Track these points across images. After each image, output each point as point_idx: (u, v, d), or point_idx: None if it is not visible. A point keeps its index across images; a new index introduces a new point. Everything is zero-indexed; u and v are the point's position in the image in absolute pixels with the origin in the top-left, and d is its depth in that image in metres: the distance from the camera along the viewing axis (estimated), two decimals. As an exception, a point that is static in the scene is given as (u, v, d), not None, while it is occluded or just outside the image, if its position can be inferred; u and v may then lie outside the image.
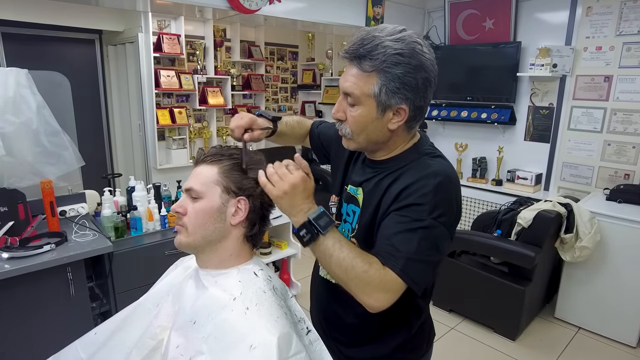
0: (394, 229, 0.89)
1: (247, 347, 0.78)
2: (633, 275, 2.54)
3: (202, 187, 0.90)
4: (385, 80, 0.88)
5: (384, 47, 0.87)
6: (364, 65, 0.89)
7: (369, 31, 0.90)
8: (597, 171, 3.11)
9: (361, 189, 1.04)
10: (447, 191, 0.91)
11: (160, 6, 3.03)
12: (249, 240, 0.96)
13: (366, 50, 0.88)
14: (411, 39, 0.89)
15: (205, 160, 0.93)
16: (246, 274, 0.92)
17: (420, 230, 0.87)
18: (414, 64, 0.88)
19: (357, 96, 0.91)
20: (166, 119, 3.79)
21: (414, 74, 0.88)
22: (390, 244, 0.88)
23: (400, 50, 0.87)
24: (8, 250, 1.77)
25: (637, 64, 2.84)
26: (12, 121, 1.95)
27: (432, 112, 3.93)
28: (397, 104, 0.90)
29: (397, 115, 0.92)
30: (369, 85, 0.89)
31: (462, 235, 2.92)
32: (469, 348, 2.62)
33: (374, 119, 0.92)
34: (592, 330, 2.76)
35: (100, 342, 1.04)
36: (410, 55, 0.87)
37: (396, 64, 0.87)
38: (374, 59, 0.87)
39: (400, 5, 3.80)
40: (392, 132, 0.95)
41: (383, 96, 0.89)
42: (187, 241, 0.92)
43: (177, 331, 0.91)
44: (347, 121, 0.96)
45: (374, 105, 0.91)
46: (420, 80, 0.89)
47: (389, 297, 0.86)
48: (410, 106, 0.91)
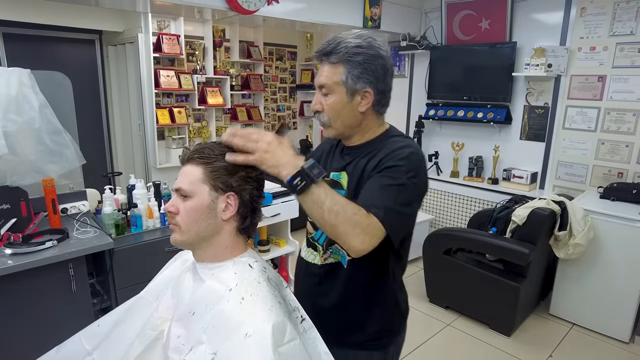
0: (375, 185, 1.03)
1: (242, 335, 0.81)
2: (625, 272, 2.58)
3: (191, 186, 0.92)
4: (349, 67, 1.06)
5: (345, 42, 1.07)
6: (331, 59, 1.08)
7: (335, 35, 1.10)
8: (591, 170, 3.15)
9: (344, 172, 1.16)
10: (419, 160, 1.07)
11: (159, 7, 3.06)
12: (242, 232, 0.99)
13: (332, 48, 1.08)
14: (368, 36, 1.09)
15: (191, 159, 0.94)
16: (241, 266, 0.95)
17: (397, 186, 1.01)
18: (371, 53, 1.07)
19: (329, 85, 1.09)
20: (166, 118, 3.83)
21: (372, 61, 1.07)
22: (372, 197, 1.00)
23: (359, 43, 1.07)
24: (11, 246, 1.81)
25: (630, 64, 2.88)
26: (15, 120, 1.98)
27: (429, 112, 3.97)
28: (363, 88, 1.08)
29: (365, 98, 1.09)
30: (337, 75, 1.07)
31: (458, 233, 2.96)
32: (465, 344, 2.65)
33: (346, 104, 1.09)
34: (586, 326, 2.80)
35: (104, 334, 1.07)
36: (368, 46, 1.07)
37: (357, 53, 1.06)
38: (338, 53, 1.07)
39: (397, 6, 3.83)
40: (363, 115, 1.12)
41: (350, 82, 1.07)
42: (181, 239, 0.95)
43: (177, 322, 0.94)
44: (324, 111, 1.11)
45: (343, 91, 1.08)
46: (378, 66, 1.08)
47: (372, 241, 0.96)
48: (374, 90, 1.09)
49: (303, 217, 1.20)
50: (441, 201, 3.94)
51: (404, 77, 4.36)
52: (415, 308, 3.06)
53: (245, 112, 4.65)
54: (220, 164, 0.92)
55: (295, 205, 2.90)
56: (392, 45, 4.42)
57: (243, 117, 4.60)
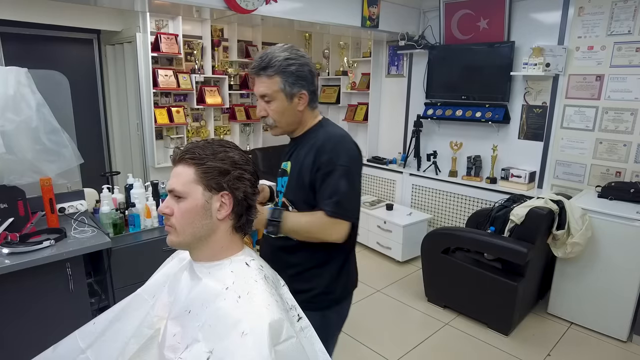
0: (325, 184, 1.27)
1: (239, 333, 0.81)
2: (624, 270, 2.59)
3: (184, 187, 0.92)
4: (285, 77, 1.27)
5: (277, 57, 1.26)
6: (268, 72, 1.27)
7: (264, 51, 1.29)
8: (589, 169, 3.15)
9: (289, 161, 1.39)
10: (346, 143, 1.32)
11: (158, 6, 3.06)
12: (238, 230, 0.99)
13: (266, 63, 1.27)
14: (293, 47, 1.30)
15: (182, 159, 0.93)
16: (238, 265, 0.95)
17: (335, 174, 1.26)
18: (300, 62, 1.28)
19: (270, 94, 1.29)
20: (164, 118, 3.82)
21: (302, 68, 1.29)
22: (325, 195, 1.26)
23: (288, 56, 1.27)
24: (8, 245, 1.80)
25: (627, 63, 2.88)
26: (12, 119, 1.98)
27: (428, 111, 3.97)
28: (299, 91, 1.30)
29: (301, 99, 1.31)
30: (275, 85, 1.28)
31: (456, 232, 2.96)
32: (463, 343, 2.66)
33: (287, 106, 1.31)
34: (584, 325, 2.81)
35: (99, 332, 1.07)
36: (296, 57, 1.28)
37: (289, 65, 1.27)
38: (273, 66, 1.26)
39: (396, 5, 3.84)
40: (302, 113, 1.34)
41: (287, 88, 1.28)
42: (177, 240, 0.94)
43: (173, 320, 0.94)
44: (269, 115, 1.33)
45: (283, 97, 1.29)
46: (307, 72, 1.30)
47: (342, 230, 1.28)
48: (308, 91, 1.32)
49: None
50: (439, 200, 3.94)
51: (403, 76, 4.36)
52: (413, 307, 3.06)
53: (244, 112, 4.64)
54: (212, 164, 0.92)
55: (293, 205, 2.90)
56: (390, 45, 4.42)
57: (241, 117, 4.60)
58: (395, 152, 4.52)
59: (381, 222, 3.85)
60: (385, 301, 3.14)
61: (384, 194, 4.46)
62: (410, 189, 4.17)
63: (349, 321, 1.58)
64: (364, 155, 4.67)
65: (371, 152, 4.68)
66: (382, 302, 3.13)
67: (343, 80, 4.82)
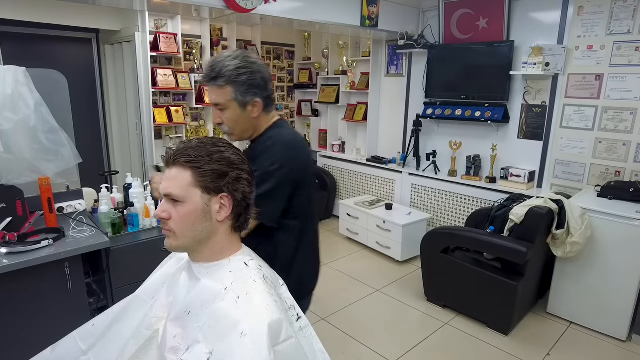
0: None
1: (238, 334, 0.81)
2: (623, 270, 2.58)
3: (182, 191, 0.89)
4: (236, 87, 1.26)
5: (227, 65, 1.24)
6: (218, 82, 1.26)
7: (214, 59, 1.28)
8: (588, 168, 3.15)
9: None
10: (284, 150, 1.31)
11: (157, 5, 3.05)
12: (236, 230, 0.98)
13: (216, 73, 1.25)
14: (243, 54, 1.28)
15: (177, 162, 0.90)
16: (237, 265, 0.95)
17: (261, 176, 1.24)
18: (251, 71, 1.27)
19: (223, 103, 1.29)
20: (163, 117, 3.82)
21: (253, 77, 1.27)
22: None
23: (238, 65, 1.25)
24: (6, 245, 1.80)
25: (627, 62, 2.88)
26: (10, 118, 1.97)
27: (427, 111, 3.97)
28: (252, 100, 1.29)
29: (255, 106, 1.31)
30: (227, 94, 1.27)
31: (456, 232, 2.96)
32: (463, 343, 2.65)
33: (240, 115, 1.31)
34: (584, 325, 2.80)
35: (99, 334, 1.06)
36: (247, 66, 1.26)
37: (240, 74, 1.25)
38: (223, 76, 1.25)
39: (395, 5, 3.83)
40: (257, 119, 1.34)
41: (240, 97, 1.28)
42: (177, 244, 0.93)
43: (173, 322, 0.94)
44: (224, 123, 1.33)
45: (236, 106, 1.29)
46: (259, 79, 1.29)
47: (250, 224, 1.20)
48: (261, 98, 1.31)
49: None
50: (439, 200, 3.94)
51: (402, 76, 4.36)
52: (413, 307, 3.06)
53: (243, 111, 4.64)
54: (209, 167, 0.89)
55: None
56: (389, 44, 4.41)
57: (241, 116, 4.59)
58: (394, 151, 4.52)
59: (380, 221, 3.85)
60: (384, 301, 3.14)
61: (383, 194, 4.46)
62: (410, 189, 4.17)
63: (349, 321, 1.58)
64: (363, 155, 4.71)
65: (370, 151, 4.68)
66: (381, 301, 3.13)
67: (342, 80, 4.81)
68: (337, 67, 4.94)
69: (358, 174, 4.69)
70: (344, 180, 4.88)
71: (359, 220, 4.10)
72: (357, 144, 4.95)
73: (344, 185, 4.90)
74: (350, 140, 4.96)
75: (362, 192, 4.68)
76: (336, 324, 2.78)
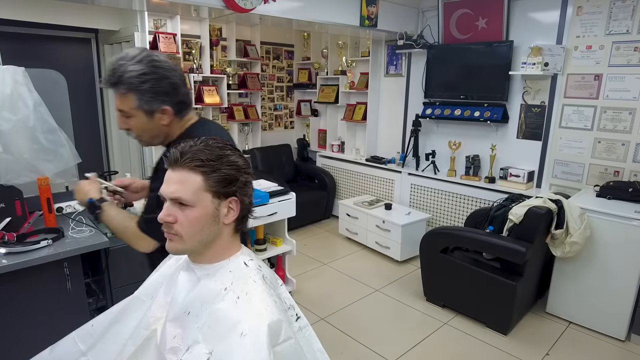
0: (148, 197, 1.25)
1: (238, 334, 0.81)
2: (622, 270, 2.59)
3: (193, 196, 0.87)
4: (140, 95, 1.16)
5: (128, 72, 1.13)
6: (120, 89, 1.16)
7: (116, 61, 1.17)
8: (587, 168, 3.16)
9: None
10: None
11: (156, 5, 3.05)
12: (238, 230, 0.98)
13: (116, 79, 1.15)
14: (149, 57, 1.16)
15: (186, 166, 0.88)
16: (236, 265, 0.95)
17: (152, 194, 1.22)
18: (157, 77, 1.16)
19: (127, 111, 1.20)
20: (162, 117, 3.81)
21: (160, 83, 1.17)
22: (144, 207, 1.28)
23: (142, 70, 1.14)
24: (5, 245, 1.79)
25: (626, 62, 2.89)
26: (9, 118, 1.97)
27: (426, 111, 3.97)
28: (159, 107, 1.19)
29: (164, 114, 1.22)
30: (130, 102, 1.17)
31: (455, 232, 2.96)
32: (462, 343, 2.66)
33: (148, 122, 1.22)
34: (583, 325, 2.81)
35: (98, 334, 1.06)
36: (152, 71, 1.15)
37: (143, 82, 1.14)
38: (124, 83, 1.14)
39: (394, 5, 3.83)
40: (168, 125, 1.25)
41: (145, 106, 1.18)
42: (183, 248, 0.92)
43: (172, 322, 0.93)
44: (131, 129, 1.24)
45: (142, 114, 1.20)
46: (167, 85, 1.18)
47: (149, 245, 1.27)
48: (171, 105, 1.21)
49: (300, 217, 1.25)
50: (438, 200, 3.94)
51: (401, 76, 4.36)
52: (412, 307, 3.06)
53: (242, 111, 4.64)
54: (222, 173, 0.88)
55: (292, 205, 2.90)
56: (389, 44, 4.42)
57: (240, 116, 4.59)
58: (393, 151, 4.52)
59: (380, 221, 3.85)
60: (384, 300, 3.14)
61: (382, 194, 4.46)
62: (409, 189, 4.17)
63: (348, 321, 1.58)
64: (362, 155, 4.71)
65: (370, 151, 4.68)
66: (380, 301, 3.13)
67: (342, 80, 4.81)
68: (337, 67, 4.94)
69: (357, 174, 4.69)
70: (343, 180, 4.88)
71: (358, 220, 4.10)
72: (356, 143, 4.95)
73: (343, 185, 4.90)
74: (350, 140, 4.96)
75: (361, 192, 4.68)
76: (335, 324, 2.78)
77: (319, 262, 3.77)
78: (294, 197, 2.90)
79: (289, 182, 4.71)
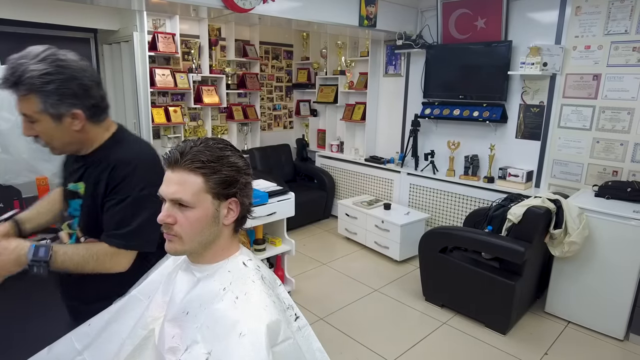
0: (115, 212, 1.13)
1: (237, 334, 0.81)
2: (620, 269, 2.59)
3: (193, 197, 0.87)
4: (43, 97, 1.03)
5: (29, 71, 1.00)
6: (20, 90, 1.03)
7: (16, 59, 1.03)
8: (586, 168, 3.16)
9: (82, 182, 1.21)
10: (145, 168, 1.15)
11: (155, 5, 3.05)
12: (236, 231, 0.98)
13: (15, 78, 1.01)
14: (54, 56, 1.04)
15: (185, 166, 0.87)
16: (235, 265, 0.94)
17: (130, 205, 1.12)
18: (63, 78, 1.04)
19: (31, 115, 1.06)
20: (161, 117, 3.82)
21: (67, 84, 1.04)
22: (113, 224, 1.13)
23: (45, 70, 1.02)
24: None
25: (624, 62, 2.89)
26: (7, 118, 1.97)
27: (425, 111, 3.97)
28: (68, 111, 1.07)
29: (75, 118, 1.09)
30: (33, 105, 1.04)
31: (454, 232, 2.96)
32: (461, 342, 2.66)
33: (56, 128, 1.08)
34: (581, 324, 2.81)
35: (95, 334, 1.06)
36: (57, 71, 1.03)
37: (47, 82, 1.02)
38: (25, 83, 1.01)
39: (393, 5, 3.84)
40: (81, 132, 1.13)
41: (51, 109, 1.05)
42: (183, 249, 0.91)
43: (171, 322, 0.93)
44: (38, 136, 1.11)
45: (48, 119, 1.06)
46: (76, 87, 1.06)
47: (127, 262, 1.15)
48: (82, 108, 1.09)
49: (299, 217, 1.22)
50: (437, 200, 3.95)
51: (400, 76, 4.36)
52: (411, 306, 3.06)
53: (242, 111, 4.64)
54: (222, 175, 0.88)
55: (291, 205, 2.90)
56: (388, 44, 4.42)
57: (239, 116, 4.59)
58: (392, 151, 4.53)
59: (379, 221, 3.85)
60: (383, 300, 3.14)
61: (381, 194, 4.46)
62: (408, 189, 4.17)
63: (347, 321, 1.58)
64: (361, 155, 4.72)
65: (369, 151, 4.68)
66: (379, 301, 3.13)
67: (341, 80, 4.82)
68: (336, 67, 4.94)
69: (356, 173, 4.70)
70: (342, 180, 4.89)
71: (357, 220, 4.10)
72: (355, 143, 4.95)
73: (342, 185, 4.90)
74: (349, 140, 4.96)
75: (360, 192, 4.68)
76: (334, 324, 2.78)
77: (318, 262, 3.77)
78: (293, 197, 2.90)
79: (288, 182, 4.71)
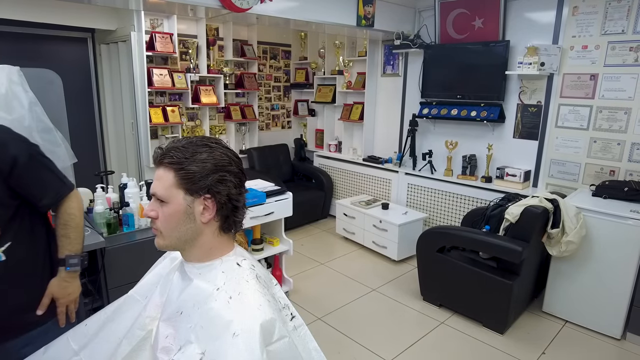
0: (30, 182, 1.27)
1: (230, 334, 0.81)
2: (617, 269, 2.60)
3: (166, 191, 0.90)
4: None
5: None
6: None
7: None
8: (583, 168, 3.17)
9: None
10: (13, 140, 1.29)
11: (152, 5, 3.04)
12: (225, 231, 0.96)
13: None
14: None
15: (162, 163, 0.91)
16: (229, 265, 0.94)
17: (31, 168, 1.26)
18: None
19: None
20: (159, 117, 3.81)
21: None
22: (46, 191, 1.30)
23: None
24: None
25: (621, 62, 2.90)
26: (3, 118, 1.96)
27: (423, 111, 3.98)
28: None
29: None
30: None
31: (451, 231, 2.97)
32: (458, 342, 2.66)
33: None
34: (579, 324, 2.82)
35: (91, 334, 1.06)
36: None
37: None
38: None
39: (391, 5, 3.84)
40: None
41: None
42: (164, 243, 0.94)
43: (165, 322, 0.93)
44: None
45: None
46: None
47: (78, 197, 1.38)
48: None
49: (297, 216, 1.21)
50: (435, 200, 3.95)
51: (398, 76, 4.36)
52: (408, 306, 3.07)
53: (239, 111, 4.64)
54: (191, 168, 0.88)
55: (289, 205, 2.90)
56: (386, 44, 4.42)
57: (237, 116, 4.59)
58: (390, 151, 4.53)
59: (377, 221, 3.85)
60: (380, 300, 3.14)
61: (379, 193, 4.47)
62: (406, 188, 4.18)
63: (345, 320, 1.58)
64: (359, 155, 4.72)
65: (367, 151, 4.69)
66: (377, 301, 3.13)
67: (339, 80, 4.82)
68: (334, 66, 4.94)
69: (354, 173, 4.70)
70: (340, 180, 4.89)
71: (355, 219, 4.10)
72: (353, 143, 4.95)
73: (340, 185, 4.90)
74: (347, 140, 4.96)
75: (358, 192, 4.68)
76: (332, 324, 2.78)
77: (316, 261, 3.77)
78: (291, 196, 2.90)
79: (286, 182, 4.71)
